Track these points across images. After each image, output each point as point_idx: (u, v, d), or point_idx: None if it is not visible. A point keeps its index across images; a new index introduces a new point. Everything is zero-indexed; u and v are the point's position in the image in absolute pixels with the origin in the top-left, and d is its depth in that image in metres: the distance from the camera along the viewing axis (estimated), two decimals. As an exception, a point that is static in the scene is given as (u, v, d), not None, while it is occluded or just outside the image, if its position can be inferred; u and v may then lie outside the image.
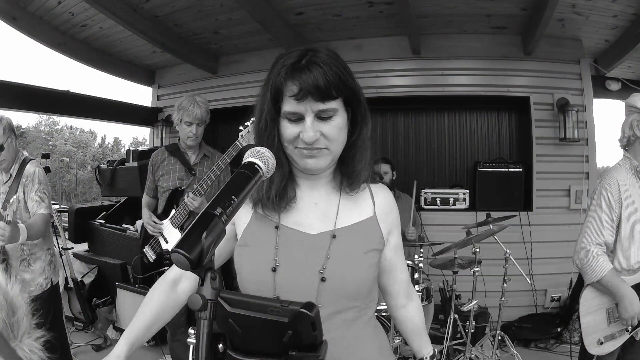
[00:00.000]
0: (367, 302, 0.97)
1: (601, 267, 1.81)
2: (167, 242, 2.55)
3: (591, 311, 1.90)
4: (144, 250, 2.60)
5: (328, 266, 0.90)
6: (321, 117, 0.87)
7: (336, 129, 0.89)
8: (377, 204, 1.02)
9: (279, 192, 0.95)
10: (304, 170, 0.94)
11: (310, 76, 0.84)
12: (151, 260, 2.56)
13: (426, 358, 1.13)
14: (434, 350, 1.15)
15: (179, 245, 0.60)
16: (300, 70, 0.85)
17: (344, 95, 0.90)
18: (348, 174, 0.97)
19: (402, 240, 1.11)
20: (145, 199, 2.71)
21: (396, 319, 1.15)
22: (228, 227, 0.97)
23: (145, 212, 2.65)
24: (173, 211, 2.52)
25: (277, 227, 0.95)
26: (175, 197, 2.54)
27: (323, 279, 0.90)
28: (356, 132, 0.95)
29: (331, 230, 0.95)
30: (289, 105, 0.87)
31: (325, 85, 0.85)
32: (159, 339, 3.38)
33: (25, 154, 2.39)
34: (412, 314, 1.14)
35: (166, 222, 2.54)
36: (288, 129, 0.89)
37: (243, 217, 0.99)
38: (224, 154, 2.42)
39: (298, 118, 0.88)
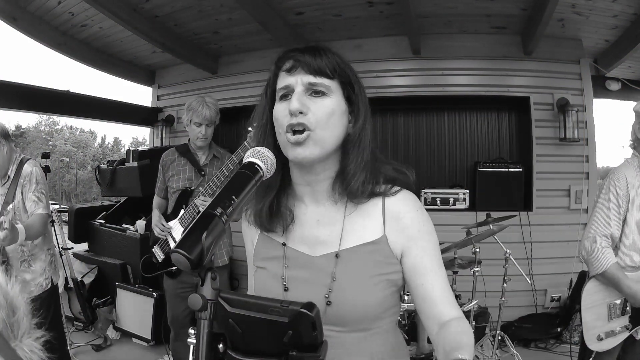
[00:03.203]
0: (382, 319, 0.89)
1: (606, 259, 1.82)
2: (175, 242, 2.55)
3: (593, 305, 1.91)
4: (153, 249, 2.60)
5: (334, 289, 0.85)
6: (312, 92, 0.83)
7: (326, 109, 0.83)
8: (389, 220, 0.88)
9: (271, 208, 0.90)
10: (295, 161, 0.86)
11: (305, 54, 0.84)
12: (160, 260, 2.56)
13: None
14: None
15: (180, 245, 0.61)
16: (298, 50, 0.86)
17: (340, 79, 0.86)
18: (342, 176, 0.88)
19: (433, 259, 0.88)
20: (156, 200, 2.71)
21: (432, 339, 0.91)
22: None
23: (155, 213, 2.65)
24: (182, 211, 2.52)
25: (283, 244, 0.92)
26: (184, 197, 2.54)
27: (329, 303, 0.84)
28: (356, 127, 0.88)
29: (335, 251, 0.88)
30: (281, 80, 0.86)
31: (319, 62, 0.83)
32: (163, 338, 3.39)
33: (22, 155, 2.37)
34: (446, 337, 0.81)
35: (175, 222, 2.54)
36: (280, 110, 0.85)
37: (250, 234, 0.98)
38: (233, 155, 2.43)
39: (289, 92, 0.84)
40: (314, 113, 0.82)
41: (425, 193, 4.08)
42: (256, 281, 0.94)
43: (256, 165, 0.76)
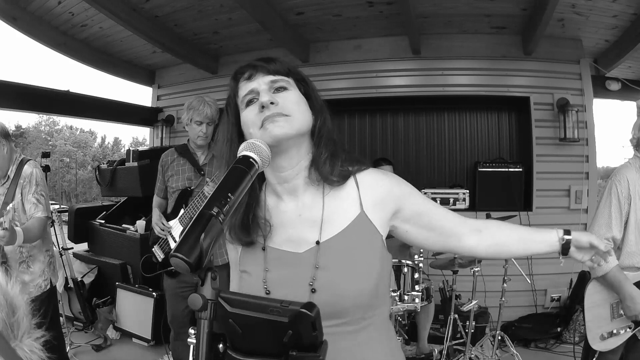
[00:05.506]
0: (373, 309, 0.88)
1: (606, 262, 1.82)
2: (175, 241, 2.55)
3: (595, 305, 1.91)
4: (153, 249, 2.61)
5: (318, 277, 0.85)
6: (275, 89, 0.89)
7: (293, 98, 0.89)
8: (364, 194, 0.92)
9: (244, 221, 0.91)
10: (272, 142, 0.83)
11: (259, 62, 0.92)
12: (159, 260, 2.56)
13: (561, 239, 1.04)
14: (562, 231, 1.04)
15: (178, 249, 0.60)
16: (251, 62, 0.93)
17: (294, 76, 0.93)
18: (315, 165, 0.91)
19: (427, 200, 0.98)
20: (156, 200, 2.71)
21: (484, 253, 1.01)
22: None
23: (155, 212, 2.66)
24: (182, 211, 2.53)
25: (263, 249, 0.91)
26: (184, 197, 2.54)
27: (313, 290, 0.84)
28: (319, 119, 0.93)
29: (317, 240, 0.89)
30: (244, 89, 0.90)
31: (273, 66, 0.90)
32: (163, 338, 3.39)
33: (22, 155, 2.37)
34: (491, 232, 1.01)
35: (175, 222, 2.55)
36: (249, 113, 0.88)
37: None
38: None
39: (254, 96, 0.89)
40: (283, 104, 0.87)
41: (425, 193, 4.07)
42: (241, 286, 0.95)
43: (251, 159, 0.75)
